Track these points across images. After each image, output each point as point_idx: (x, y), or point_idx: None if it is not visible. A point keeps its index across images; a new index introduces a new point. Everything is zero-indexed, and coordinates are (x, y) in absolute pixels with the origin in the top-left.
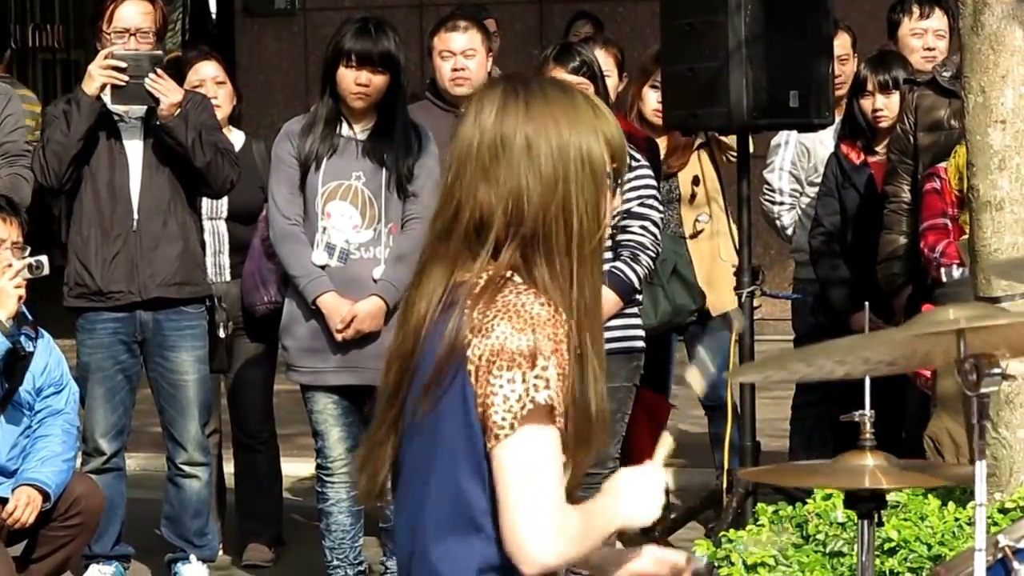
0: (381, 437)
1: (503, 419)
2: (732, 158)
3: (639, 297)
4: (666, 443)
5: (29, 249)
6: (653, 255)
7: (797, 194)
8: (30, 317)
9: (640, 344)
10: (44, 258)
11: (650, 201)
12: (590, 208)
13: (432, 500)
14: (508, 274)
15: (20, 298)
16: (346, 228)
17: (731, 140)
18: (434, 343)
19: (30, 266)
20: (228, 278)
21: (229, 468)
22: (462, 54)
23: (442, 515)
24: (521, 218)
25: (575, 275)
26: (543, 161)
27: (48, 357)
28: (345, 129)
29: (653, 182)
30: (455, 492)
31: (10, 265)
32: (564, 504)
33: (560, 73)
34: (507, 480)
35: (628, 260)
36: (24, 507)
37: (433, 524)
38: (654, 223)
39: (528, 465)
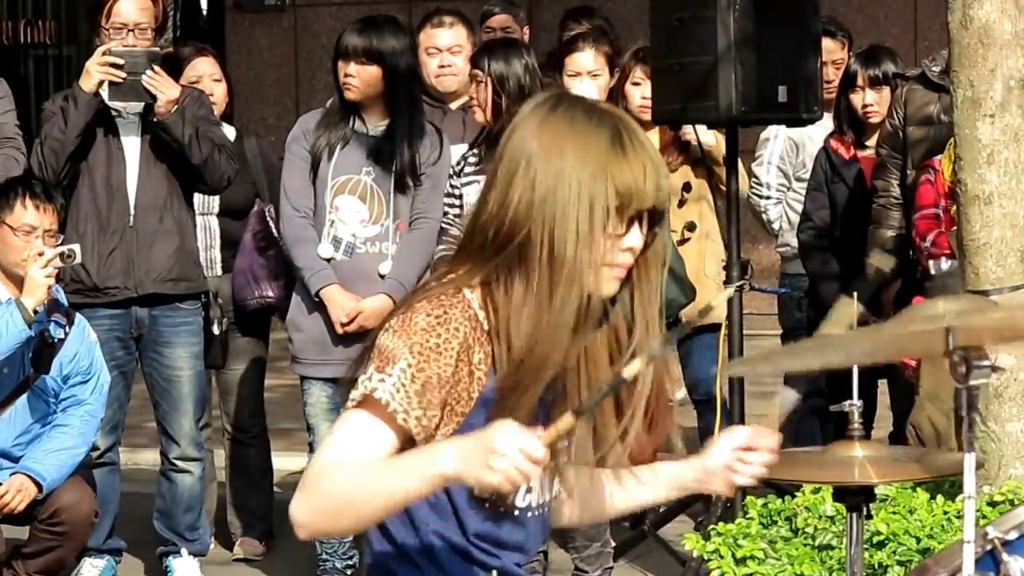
0: None
1: (350, 399)
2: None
3: None
4: (564, 422)
5: (62, 237)
6: None
7: (784, 188)
8: (64, 303)
9: None
10: (76, 247)
11: None
12: (577, 238)
13: None
14: (445, 279)
15: (49, 287)
16: (353, 222)
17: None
18: None
19: (62, 254)
20: (219, 273)
21: (220, 462)
22: (448, 50)
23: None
24: (501, 229)
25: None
26: (537, 182)
27: (79, 345)
28: (358, 124)
29: None
30: None
31: (42, 253)
32: (336, 464)
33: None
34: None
35: None
36: (15, 494)
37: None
38: None
39: (334, 438)
